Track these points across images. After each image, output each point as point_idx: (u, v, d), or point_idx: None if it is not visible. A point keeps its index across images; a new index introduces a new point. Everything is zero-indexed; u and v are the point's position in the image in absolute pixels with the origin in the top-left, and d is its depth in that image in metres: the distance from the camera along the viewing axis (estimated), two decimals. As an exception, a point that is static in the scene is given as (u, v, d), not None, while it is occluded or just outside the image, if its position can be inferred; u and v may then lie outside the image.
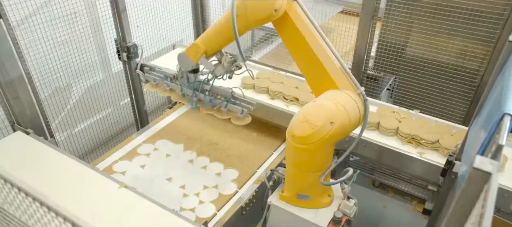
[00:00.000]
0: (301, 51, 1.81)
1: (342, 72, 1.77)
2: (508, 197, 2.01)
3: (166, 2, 3.18)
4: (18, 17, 2.26)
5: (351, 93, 1.74)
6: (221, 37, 1.89)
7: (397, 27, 2.82)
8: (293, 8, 1.77)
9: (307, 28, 1.77)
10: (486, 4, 2.37)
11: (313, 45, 1.76)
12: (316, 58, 1.76)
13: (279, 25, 1.82)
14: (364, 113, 1.76)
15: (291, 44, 1.83)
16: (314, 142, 1.66)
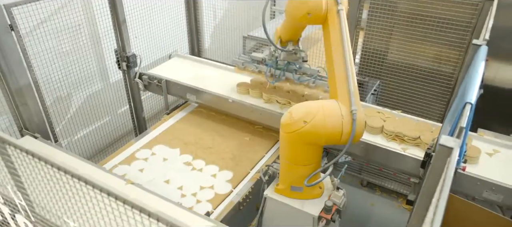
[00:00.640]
0: (328, 54, 2.04)
1: (346, 87, 1.89)
2: (481, 185, 2.22)
3: (163, 14, 3.36)
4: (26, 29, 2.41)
5: (343, 108, 1.86)
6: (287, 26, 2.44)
7: (378, 35, 3.06)
8: (333, 17, 1.98)
9: (337, 39, 1.95)
10: (457, 14, 2.62)
11: (335, 55, 1.95)
12: (333, 67, 1.96)
13: (324, 29, 2.10)
14: (349, 131, 1.83)
15: (325, 44, 2.09)
16: (289, 133, 1.85)
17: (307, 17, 2.02)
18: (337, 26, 1.97)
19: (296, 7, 2.05)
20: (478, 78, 1.55)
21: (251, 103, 2.75)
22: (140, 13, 3.13)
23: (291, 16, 2.15)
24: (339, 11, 1.97)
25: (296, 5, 2.05)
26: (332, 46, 1.98)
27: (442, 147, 1.13)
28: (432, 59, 2.90)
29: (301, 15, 2.03)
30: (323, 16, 2.01)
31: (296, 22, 2.20)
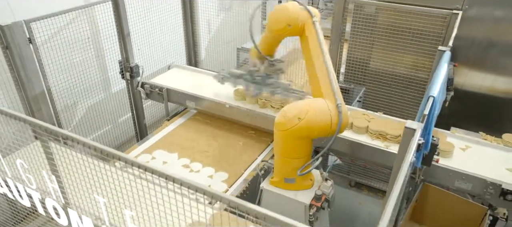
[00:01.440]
0: (308, 61, 2.31)
1: (330, 85, 2.17)
2: (453, 176, 2.49)
3: (162, 28, 3.62)
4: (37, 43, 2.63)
5: (330, 103, 2.14)
6: (265, 41, 2.67)
7: (361, 46, 3.36)
8: (309, 27, 2.28)
9: (315, 45, 2.25)
10: (429, 25, 2.93)
11: (315, 59, 2.24)
12: (315, 69, 2.23)
13: (301, 39, 2.36)
14: (337, 122, 2.12)
15: (304, 55, 2.36)
16: (284, 130, 2.10)
17: (287, 29, 2.29)
18: (314, 35, 2.26)
19: (278, 21, 2.33)
20: (441, 77, 1.84)
21: (247, 108, 3.00)
22: (141, 27, 3.39)
23: (273, 29, 2.41)
24: (314, 22, 2.27)
25: (278, 18, 2.33)
26: (311, 52, 2.26)
27: (407, 129, 1.40)
28: (409, 67, 3.20)
29: (282, 27, 2.30)
30: (301, 28, 2.30)
31: (277, 34, 2.45)
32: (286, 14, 2.28)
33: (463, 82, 3.16)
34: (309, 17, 2.29)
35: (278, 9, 2.35)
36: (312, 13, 2.29)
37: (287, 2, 2.33)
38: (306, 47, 2.31)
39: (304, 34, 2.31)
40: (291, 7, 2.30)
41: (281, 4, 2.37)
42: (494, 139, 2.78)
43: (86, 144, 1.27)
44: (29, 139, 2.24)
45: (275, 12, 2.36)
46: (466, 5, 2.87)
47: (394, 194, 1.10)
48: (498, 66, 2.99)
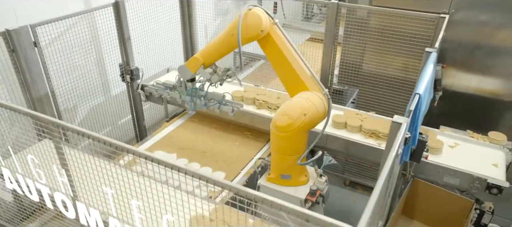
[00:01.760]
0: (280, 62, 2.39)
1: (311, 78, 2.36)
2: (442, 171, 2.61)
3: (162, 33, 3.72)
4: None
5: (318, 93, 2.32)
6: (218, 51, 2.44)
7: (354, 49, 3.48)
8: (274, 30, 2.36)
9: (284, 45, 2.36)
10: (418, 29, 3.04)
11: (289, 58, 2.34)
12: (292, 67, 2.34)
13: (263, 43, 2.39)
14: (328, 107, 2.33)
15: (272, 57, 2.41)
16: (292, 130, 2.20)
17: (260, 34, 2.27)
18: (281, 36, 2.35)
19: (252, 27, 2.25)
20: (427, 76, 1.96)
21: (245, 109, 3.10)
22: (141, 32, 3.49)
23: (247, 37, 2.28)
24: (276, 23, 2.36)
25: (252, 25, 2.25)
26: (284, 52, 2.33)
27: (394, 123, 1.51)
28: (400, 69, 3.32)
29: (257, 33, 2.27)
30: (268, 32, 2.33)
31: (246, 41, 2.32)
32: (259, 19, 2.25)
33: (451, 83, 3.29)
34: (271, 20, 2.34)
35: (249, 16, 2.27)
36: (273, 16, 2.35)
37: (253, 9, 2.30)
38: (275, 49, 2.35)
39: (270, 37, 2.34)
40: (261, 13, 2.28)
41: (249, 11, 2.29)
42: (481, 136, 2.91)
43: (96, 138, 1.37)
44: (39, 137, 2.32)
45: (247, 19, 2.27)
46: (453, 9, 3.01)
47: (380, 182, 1.21)
48: (484, 68, 3.13)
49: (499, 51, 3.00)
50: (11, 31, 2.33)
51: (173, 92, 2.82)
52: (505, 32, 2.92)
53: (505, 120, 3.15)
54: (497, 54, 3.02)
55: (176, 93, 2.78)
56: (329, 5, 3.27)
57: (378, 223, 1.79)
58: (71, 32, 2.97)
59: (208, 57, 2.47)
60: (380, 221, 1.81)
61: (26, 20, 2.56)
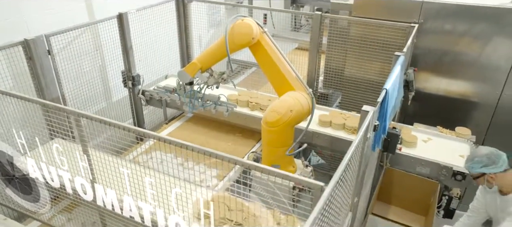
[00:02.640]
0: (269, 66, 2.70)
1: (297, 79, 2.67)
2: (414, 161, 2.94)
3: (160, 42, 4.02)
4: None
5: (303, 93, 2.64)
6: (214, 57, 2.74)
7: (336, 56, 3.82)
8: (263, 37, 2.67)
9: (273, 51, 2.67)
10: (393, 37, 3.40)
11: (277, 62, 2.66)
12: (280, 70, 2.65)
13: (254, 50, 2.70)
14: (312, 105, 2.64)
15: (262, 62, 2.72)
16: (280, 125, 2.51)
17: (251, 41, 2.55)
18: (270, 43, 2.68)
19: (244, 35, 2.53)
20: (394, 75, 2.30)
21: (239, 111, 3.40)
22: (141, 41, 3.78)
23: (239, 44, 2.57)
24: (265, 32, 2.69)
25: (243, 32, 2.52)
26: (272, 57, 2.65)
27: (363, 111, 1.83)
28: (377, 73, 3.66)
29: (248, 40, 2.54)
30: (258, 39, 2.64)
31: (239, 48, 2.61)
32: (250, 28, 2.52)
33: (424, 86, 3.65)
34: (261, 29, 2.67)
35: (241, 25, 2.54)
36: (262, 25, 2.68)
37: (245, 19, 2.58)
38: (265, 54, 2.66)
39: (260, 44, 2.63)
40: (251, 22, 2.56)
41: (241, 21, 2.56)
42: (449, 132, 3.27)
43: (117, 126, 1.65)
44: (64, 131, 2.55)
45: (238, 28, 2.54)
46: (422, 19, 3.39)
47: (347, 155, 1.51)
48: (451, 72, 3.50)
49: (462, 57, 3.38)
50: (29, 40, 2.60)
51: (173, 95, 3.10)
52: (467, 40, 3.30)
53: (469, 117, 3.52)
54: (461, 59, 3.39)
55: (176, 95, 3.05)
56: (314, 16, 3.63)
57: (354, 198, 2.10)
58: (77, 41, 3.25)
59: (205, 62, 2.77)
60: (356, 198, 2.11)
61: (37, 30, 2.84)
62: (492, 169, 2.33)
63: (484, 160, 2.37)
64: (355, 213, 2.21)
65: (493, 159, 2.35)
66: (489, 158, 2.36)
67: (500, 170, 2.31)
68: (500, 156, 2.34)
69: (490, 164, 2.35)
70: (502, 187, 2.38)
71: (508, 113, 3.36)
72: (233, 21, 2.62)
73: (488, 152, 2.38)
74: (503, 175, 2.31)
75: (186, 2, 4.06)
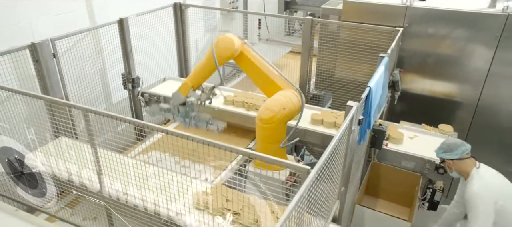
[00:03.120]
0: (254, 72, 2.91)
1: (282, 79, 2.85)
2: (399, 157, 3.12)
3: (158, 46, 4.19)
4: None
5: (292, 91, 2.80)
6: (203, 73, 2.97)
7: (327, 59, 4.01)
8: (245, 47, 2.91)
9: (255, 58, 2.88)
10: (379, 40, 3.59)
11: (261, 67, 2.86)
12: (265, 74, 2.85)
13: (239, 60, 2.94)
14: (302, 101, 2.81)
15: (248, 69, 2.94)
16: (274, 122, 2.68)
17: (234, 53, 2.84)
18: (251, 51, 2.94)
19: (227, 48, 2.82)
20: (378, 75, 2.48)
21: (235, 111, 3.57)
22: (140, 45, 3.94)
23: (224, 56, 2.84)
24: (246, 43, 2.94)
25: (226, 47, 2.82)
26: (256, 63, 2.91)
27: (347, 106, 2.01)
28: (366, 74, 3.84)
29: (231, 53, 2.84)
30: (240, 51, 2.89)
31: (224, 60, 2.90)
32: (232, 42, 2.83)
33: (410, 87, 3.85)
34: (241, 41, 2.93)
35: (224, 40, 2.85)
36: (242, 37, 2.95)
37: (226, 34, 2.91)
38: (248, 62, 2.93)
39: (243, 54, 2.91)
40: (232, 36, 2.87)
41: (223, 36, 2.87)
42: (433, 129, 3.47)
43: (123, 120, 1.81)
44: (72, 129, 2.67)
45: (222, 43, 2.84)
46: (406, 23, 3.59)
47: (331, 144, 1.69)
48: (435, 73, 3.70)
49: (444, 59, 3.58)
50: (36, 44, 2.76)
51: (168, 113, 3.24)
52: (448, 43, 3.50)
53: (453, 115, 3.71)
54: (444, 61, 3.60)
55: (170, 115, 3.20)
56: (305, 21, 3.82)
57: (341, 187, 2.27)
58: (80, 45, 3.40)
59: (196, 80, 2.99)
60: (343, 187, 2.28)
61: (41, 34, 2.99)
62: (449, 156, 2.61)
63: (444, 147, 2.65)
64: (343, 202, 2.38)
65: (451, 148, 2.61)
66: (448, 146, 2.63)
67: (456, 158, 2.58)
68: (458, 146, 2.60)
69: (448, 151, 2.62)
70: (459, 174, 2.63)
71: (487, 111, 3.57)
72: (219, 35, 2.90)
73: (450, 142, 2.65)
74: (459, 162, 2.58)
75: (183, 8, 4.24)
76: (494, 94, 3.50)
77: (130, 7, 3.81)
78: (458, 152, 2.58)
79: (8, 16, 3.01)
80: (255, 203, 2.30)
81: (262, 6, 6.26)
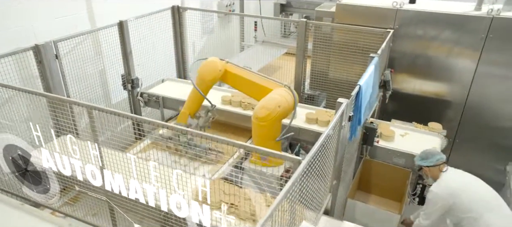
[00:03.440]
0: (243, 84, 3.13)
1: (269, 81, 3.00)
2: (390, 153, 3.25)
3: (157, 48, 4.30)
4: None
5: (284, 89, 2.93)
6: (196, 101, 3.25)
7: (321, 60, 4.13)
8: (228, 66, 3.14)
9: (240, 71, 3.10)
10: (370, 42, 3.71)
11: (247, 76, 3.08)
12: (253, 82, 3.03)
13: (225, 78, 3.17)
14: (294, 97, 2.94)
15: (235, 84, 3.16)
16: (269, 120, 2.79)
17: (219, 74, 3.12)
18: (234, 67, 3.19)
19: (212, 71, 3.12)
20: (368, 73, 2.61)
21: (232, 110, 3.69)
22: (140, 47, 4.05)
23: (209, 79, 3.14)
24: (228, 62, 3.21)
25: (211, 70, 3.12)
26: (241, 75, 3.15)
27: (337, 102, 2.13)
28: (358, 74, 3.96)
29: (216, 75, 3.12)
30: (224, 71, 3.16)
31: (211, 82, 3.19)
32: (215, 64, 3.13)
33: (401, 86, 3.98)
34: (222, 61, 3.19)
35: (207, 65, 3.16)
36: (222, 58, 3.23)
37: (208, 59, 3.20)
38: (235, 77, 3.18)
39: (227, 72, 3.18)
40: (214, 59, 3.17)
41: (205, 62, 3.19)
42: (423, 126, 3.59)
43: (126, 116, 1.92)
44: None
45: (206, 67, 3.15)
46: (397, 25, 3.73)
47: (321, 138, 1.80)
48: (425, 73, 3.83)
49: (434, 59, 3.72)
50: (39, 45, 2.86)
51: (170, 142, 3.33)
52: (437, 44, 3.64)
53: (443, 114, 3.84)
54: (433, 61, 3.73)
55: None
56: (299, 23, 3.94)
57: (333, 181, 2.38)
58: (81, 47, 3.50)
59: (192, 108, 3.28)
60: (335, 181, 2.40)
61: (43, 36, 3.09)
62: (424, 163, 2.85)
63: (422, 155, 2.89)
64: (335, 195, 2.49)
65: (427, 155, 2.86)
66: (425, 153, 2.88)
67: (430, 165, 2.82)
68: (433, 155, 2.84)
69: (424, 158, 2.86)
70: (433, 179, 2.85)
71: (475, 110, 3.70)
72: (198, 65, 3.24)
73: (427, 150, 2.90)
74: (433, 169, 2.82)
75: (181, 10, 4.35)
76: (482, 93, 3.63)
77: (129, 10, 3.93)
78: (433, 159, 2.81)
79: (12, 19, 3.11)
80: (251, 196, 2.40)
81: (259, 9, 6.39)
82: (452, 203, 2.63)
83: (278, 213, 1.46)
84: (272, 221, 1.41)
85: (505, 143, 3.61)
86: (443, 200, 2.66)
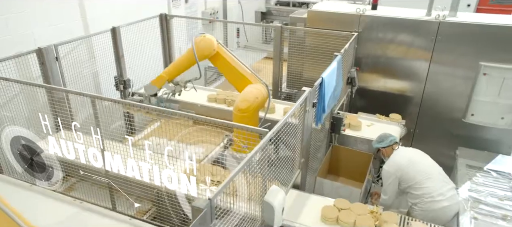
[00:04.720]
0: (228, 69, 3.46)
1: (252, 75, 3.40)
2: (354, 140, 3.70)
3: (147, 52, 4.67)
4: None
5: (260, 85, 3.36)
6: (181, 67, 3.49)
7: (296, 62, 4.57)
8: (221, 48, 3.46)
9: (229, 57, 3.43)
10: (338, 44, 4.13)
11: (234, 64, 3.42)
12: (237, 71, 3.40)
13: (214, 60, 3.47)
14: (268, 92, 3.38)
15: (222, 67, 3.48)
16: (250, 111, 3.21)
17: (212, 52, 3.36)
18: (226, 51, 3.49)
19: (207, 48, 3.34)
20: (330, 69, 3.06)
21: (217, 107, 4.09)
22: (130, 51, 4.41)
23: (204, 55, 3.36)
24: (221, 44, 3.49)
25: (207, 47, 3.34)
26: (230, 62, 3.46)
27: (301, 90, 2.56)
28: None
29: (210, 52, 3.37)
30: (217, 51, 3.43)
31: (204, 58, 3.39)
32: (212, 42, 3.36)
33: (366, 83, 4.46)
34: (218, 42, 3.48)
35: (205, 39, 3.35)
36: (217, 39, 3.47)
37: (206, 35, 3.40)
38: (224, 61, 3.47)
39: (219, 54, 3.44)
40: (210, 37, 3.39)
41: (204, 36, 3.38)
42: (385, 117, 4.07)
43: (127, 103, 2.30)
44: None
45: (202, 43, 3.34)
46: (360, 29, 4.22)
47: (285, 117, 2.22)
48: (386, 71, 4.33)
49: (393, 59, 4.22)
50: (42, 48, 3.21)
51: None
52: (395, 45, 4.14)
53: (404, 107, 4.32)
54: (393, 61, 4.23)
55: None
56: (275, 28, 4.40)
57: (301, 159, 2.80)
58: (77, 50, 3.85)
59: (173, 73, 3.50)
60: (303, 159, 2.82)
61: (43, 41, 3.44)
62: (380, 145, 3.31)
63: (377, 139, 3.35)
64: (304, 173, 2.91)
65: (382, 138, 3.32)
66: (380, 137, 3.34)
67: (385, 145, 3.29)
68: (387, 137, 3.30)
69: (380, 141, 3.33)
70: (389, 158, 3.27)
71: (431, 103, 4.21)
72: (198, 36, 3.47)
73: (382, 134, 3.35)
74: (387, 149, 3.29)
75: (168, 18, 4.75)
76: (435, 89, 4.14)
77: (121, 17, 4.30)
78: (387, 141, 3.28)
79: (15, 25, 3.46)
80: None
81: (241, 17, 6.84)
82: (400, 176, 3.09)
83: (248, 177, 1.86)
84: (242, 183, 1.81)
85: (455, 131, 4.12)
86: (393, 174, 3.11)
